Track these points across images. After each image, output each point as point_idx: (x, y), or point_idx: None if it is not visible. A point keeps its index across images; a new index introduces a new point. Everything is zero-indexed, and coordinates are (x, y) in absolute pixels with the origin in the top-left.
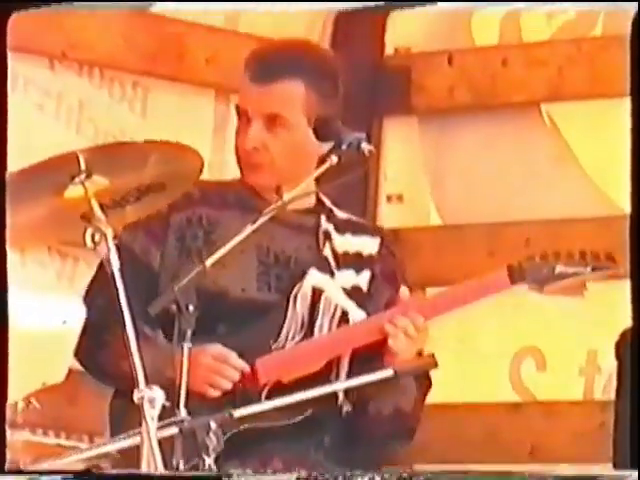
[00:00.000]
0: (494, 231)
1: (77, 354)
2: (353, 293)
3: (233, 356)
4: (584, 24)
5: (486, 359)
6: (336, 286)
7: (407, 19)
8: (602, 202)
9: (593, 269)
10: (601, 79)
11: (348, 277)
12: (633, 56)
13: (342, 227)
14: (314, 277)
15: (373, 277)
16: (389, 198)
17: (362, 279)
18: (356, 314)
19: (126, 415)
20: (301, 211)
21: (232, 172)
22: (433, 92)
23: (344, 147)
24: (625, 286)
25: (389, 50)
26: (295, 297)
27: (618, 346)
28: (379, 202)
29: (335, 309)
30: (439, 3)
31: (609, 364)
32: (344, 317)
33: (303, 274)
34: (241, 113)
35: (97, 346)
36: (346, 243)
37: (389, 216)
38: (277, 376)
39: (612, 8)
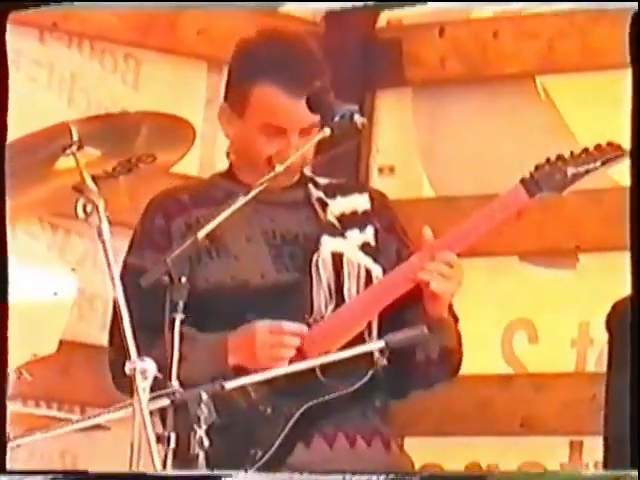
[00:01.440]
0: (485, 203)
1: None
2: (366, 250)
3: (285, 323)
4: None
5: (478, 331)
6: (352, 246)
7: None
8: (596, 174)
9: (603, 163)
10: (594, 51)
11: (356, 236)
12: (633, 56)
13: (329, 191)
14: (329, 243)
15: (376, 231)
16: (381, 170)
17: (368, 234)
18: (376, 270)
19: None
20: (288, 187)
21: (224, 143)
22: (425, 64)
23: (337, 119)
24: (617, 258)
25: (381, 22)
26: (317, 266)
27: (609, 318)
28: (371, 174)
29: (359, 269)
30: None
31: (601, 336)
32: (368, 275)
33: (317, 244)
34: (269, 126)
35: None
36: (339, 205)
37: (381, 188)
38: (324, 348)
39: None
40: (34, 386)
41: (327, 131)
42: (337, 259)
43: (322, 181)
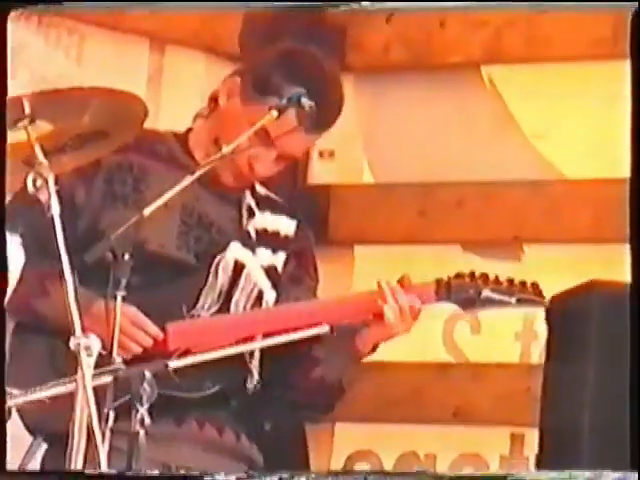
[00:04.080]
0: (426, 191)
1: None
2: (270, 273)
3: (149, 323)
4: None
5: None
6: (256, 263)
7: None
8: (540, 165)
9: (518, 300)
10: (540, 42)
11: (265, 256)
12: (633, 55)
13: (262, 204)
14: (237, 250)
15: (288, 259)
16: (321, 154)
17: (279, 260)
18: (269, 294)
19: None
20: (229, 185)
21: (164, 122)
22: (369, 50)
23: (284, 102)
24: (561, 250)
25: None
26: (217, 267)
27: (548, 311)
28: (311, 157)
29: (253, 287)
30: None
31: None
32: (259, 296)
33: (225, 244)
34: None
35: (34, 295)
36: (265, 221)
37: (320, 172)
38: (187, 344)
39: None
40: None
41: (274, 114)
42: (237, 268)
43: (261, 191)
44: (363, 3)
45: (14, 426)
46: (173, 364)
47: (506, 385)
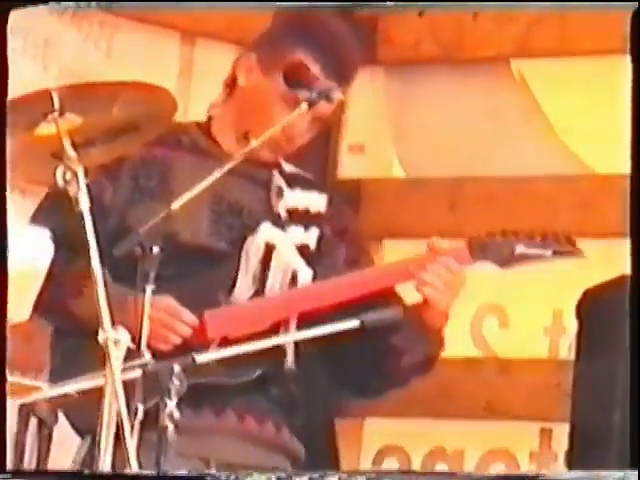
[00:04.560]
0: (456, 185)
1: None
2: (302, 251)
3: (185, 311)
4: None
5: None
6: (288, 243)
7: None
8: (569, 160)
9: (554, 252)
10: (571, 37)
11: (297, 234)
12: (633, 55)
13: (291, 182)
14: (267, 231)
15: (322, 235)
16: (351, 148)
17: (310, 237)
18: (305, 273)
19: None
20: (256, 163)
21: (195, 116)
22: (400, 43)
23: (314, 95)
24: (591, 245)
25: None
26: (248, 250)
27: (579, 306)
28: (340, 152)
29: (286, 267)
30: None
31: (575, 325)
32: (293, 277)
33: (255, 227)
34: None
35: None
36: (295, 198)
37: (350, 166)
38: (225, 331)
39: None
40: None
41: (304, 107)
42: (269, 250)
43: (288, 169)
44: (388, 3)
45: (61, 430)
46: (200, 358)
47: (535, 380)
